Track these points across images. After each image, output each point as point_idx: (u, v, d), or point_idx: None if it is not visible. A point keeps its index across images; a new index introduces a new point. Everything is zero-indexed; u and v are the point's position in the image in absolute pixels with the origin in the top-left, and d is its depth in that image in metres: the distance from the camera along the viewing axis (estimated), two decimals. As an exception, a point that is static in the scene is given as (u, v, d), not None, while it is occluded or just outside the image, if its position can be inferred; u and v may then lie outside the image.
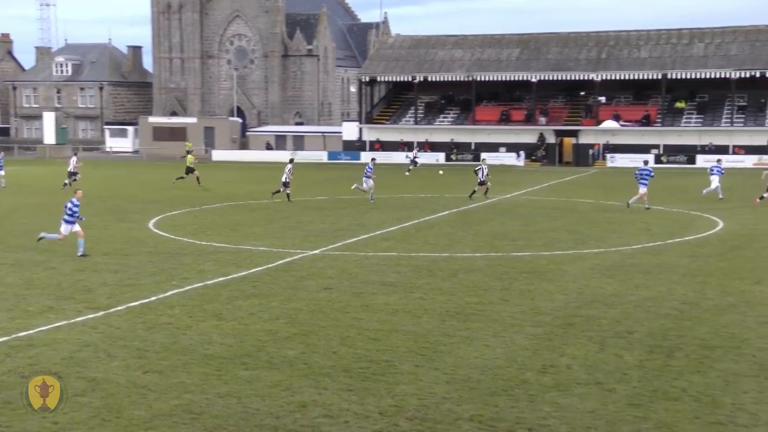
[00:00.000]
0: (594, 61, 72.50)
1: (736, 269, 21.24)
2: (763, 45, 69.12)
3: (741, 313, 16.55)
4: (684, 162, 64.88)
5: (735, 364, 13.23)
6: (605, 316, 16.35)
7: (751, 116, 68.91)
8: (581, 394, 11.78)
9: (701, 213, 33.00)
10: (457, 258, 23.18)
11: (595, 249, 24.64)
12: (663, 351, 13.94)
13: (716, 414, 11.06)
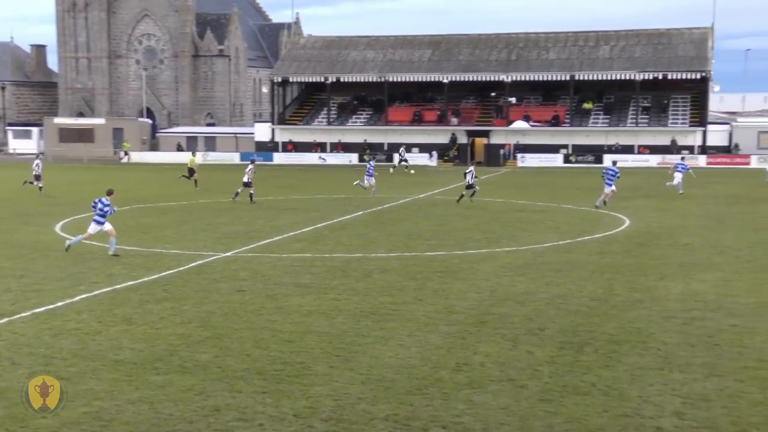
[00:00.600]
0: (504, 63, 73.58)
1: (641, 266, 21.80)
2: (664, 48, 71.16)
3: (647, 309, 17.00)
4: (592, 161, 66.30)
5: (641, 357, 13.58)
6: (517, 313, 16.59)
7: (655, 117, 70.89)
8: (494, 391, 11.93)
9: (608, 211, 33.77)
10: (371, 258, 23.23)
11: (506, 248, 24.99)
12: (573, 347, 14.21)
13: (623, 407, 11.33)
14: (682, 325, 15.70)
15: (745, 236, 26.79)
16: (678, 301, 17.63)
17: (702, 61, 68.75)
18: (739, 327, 15.48)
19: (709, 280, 19.80)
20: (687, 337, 14.84)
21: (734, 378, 12.51)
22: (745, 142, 66.74)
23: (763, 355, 13.71)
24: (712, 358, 13.54)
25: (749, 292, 18.43)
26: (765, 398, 11.64)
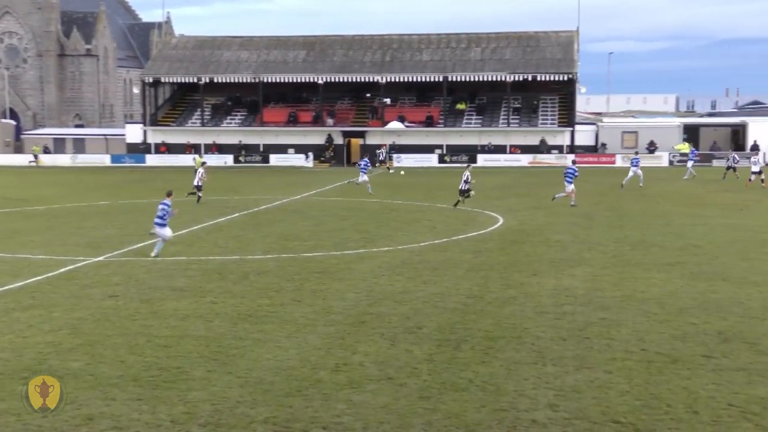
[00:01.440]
0: (378, 64, 74.07)
1: (515, 263, 22.32)
2: (533, 50, 73.08)
3: (521, 305, 17.41)
4: (466, 161, 67.43)
5: (516, 352, 13.90)
6: (395, 312, 16.72)
7: (525, 117, 72.73)
8: (374, 390, 11.99)
9: (482, 210, 34.43)
10: (248, 260, 23.00)
11: (383, 247, 25.16)
12: (450, 344, 14.41)
13: (500, 401, 11.56)
14: (555, 319, 16.14)
15: (612, 233, 27.78)
16: (550, 297, 18.13)
17: (569, 64, 70.91)
18: (608, 320, 16.03)
19: (579, 276, 20.43)
20: (559, 331, 15.27)
21: (603, 369, 12.95)
22: (610, 142, 69.17)
23: (629, 346, 14.23)
24: (582, 351, 13.97)
25: (616, 286, 19.11)
26: (631, 388, 12.09)
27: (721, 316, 16.22)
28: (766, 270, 20.91)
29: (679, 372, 12.82)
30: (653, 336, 14.88)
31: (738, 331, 15.17)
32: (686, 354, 13.76)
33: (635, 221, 30.48)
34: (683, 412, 11.18)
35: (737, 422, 10.82)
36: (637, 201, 37.55)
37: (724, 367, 13.06)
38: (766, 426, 10.67)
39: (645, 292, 18.45)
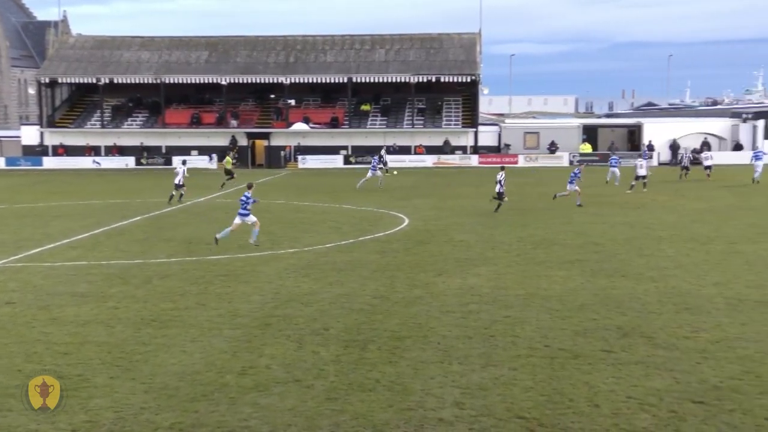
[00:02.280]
0: (282, 65, 73.65)
1: (421, 263, 22.49)
2: (436, 52, 73.75)
3: (426, 304, 17.55)
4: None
5: (422, 352, 14.00)
6: (302, 314, 16.66)
7: (430, 118, 73.34)
8: (281, 393, 11.92)
9: (388, 211, 34.60)
10: (150, 264, 22.58)
11: (289, 249, 25.04)
12: (357, 345, 14.44)
13: (407, 401, 11.63)
14: (460, 318, 16.33)
15: (515, 232, 28.25)
16: (456, 296, 18.32)
17: (471, 65, 71.80)
18: (512, 318, 16.30)
19: (483, 274, 20.71)
20: (465, 329, 15.45)
21: (508, 367, 13.16)
22: (512, 142, 70.34)
23: (533, 343, 14.50)
24: (487, 349, 14.17)
25: (519, 284, 19.45)
26: (535, 384, 12.31)
27: (620, 312, 16.67)
28: (663, 266, 21.58)
29: (580, 367, 13.12)
30: (556, 332, 15.19)
31: (636, 325, 15.61)
32: (587, 349, 14.09)
33: (538, 220, 31.08)
34: (585, 405, 11.44)
35: (635, 414, 11.13)
36: (539, 200, 38.28)
37: (623, 360, 13.42)
38: (662, 416, 11.01)
39: (547, 290, 18.82)
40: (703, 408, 11.30)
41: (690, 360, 13.44)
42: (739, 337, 14.76)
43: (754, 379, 12.47)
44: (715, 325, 15.56)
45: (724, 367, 13.05)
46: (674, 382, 12.37)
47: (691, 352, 13.89)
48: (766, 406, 11.34)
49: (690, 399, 11.63)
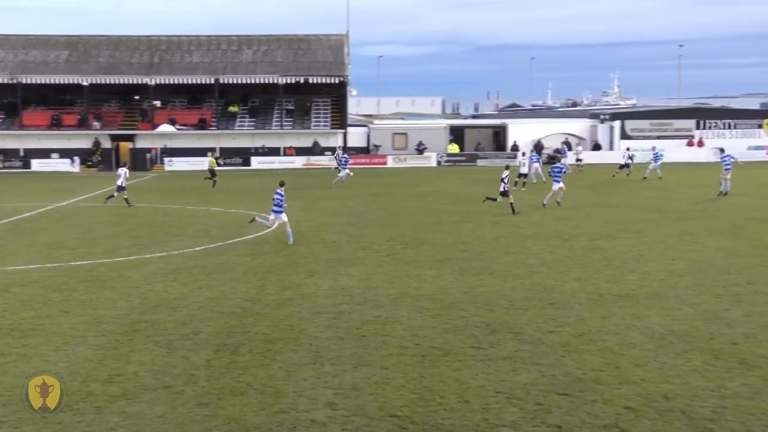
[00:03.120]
0: (147, 65, 72.03)
1: (292, 264, 22.41)
2: (304, 53, 73.65)
3: (298, 306, 17.51)
4: (240, 164, 66.99)
5: (294, 354, 13.96)
6: (171, 319, 16.35)
7: (299, 120, 73.18)
8: (150, 400, 11.65)
9: (258, 213, 34.31)
10: (9, 271, 21.70)
11: (157, 253, 24.52)
12: (228, 348, 14.27)
13: (279, 403, 11.57)
14: (332, 319, 16.35)
15: (385, 232, 28.50)
16: (327, 297, 18.34)
17: (339, 67, 72.03)
18: (383, 317, 16.44)
19: (355, 275, 20.81)
20: (337, 330, 15.48)
21: (380, 366, 13.26)
22: (381, 143, 70.93)
23: (404, 342, 14.66)
24: (359, 349, 14.24)
25: (390, 284, 19.63)
26: (407, 382, 12.45)
27: (488, 309, 17.04)
28: (528, 263, 22.18)
29: (450, 364, 13.34)
30: (426, 331, 15.40)
31: (504, 321, 16.00)
32: (457, 346, 14.34)
33: (407, 220, 31.44)
34: (455, 402, 11.64)
35: (504, 408, 11.40)
36: (408, 200, 38.74)
37: (492, 356, 13.73)
38: (529, 409, 11.31)
39: (418, 289, 19.06)
40: (568, 399, 11.68)
41: (555, 354, 13.87)
42: (600, 330, 15.32)
43: (614, 370, 12.97)
44: (577, 320, 16.11)
45: (587, 359, 13.52)
46: (540, 375, 12.74)
47: (556, 346, 14.34)
48: (625, 395, 11.81)
49: (555, 391, 12.00)
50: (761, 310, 16.74)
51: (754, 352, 13.84)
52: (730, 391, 11.99)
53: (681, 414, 11.14)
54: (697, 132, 68.06)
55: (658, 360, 13.49)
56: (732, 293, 18.25)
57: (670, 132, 68.23)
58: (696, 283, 19.31)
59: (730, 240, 25.48)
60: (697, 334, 14.96)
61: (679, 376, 12.68)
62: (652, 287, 18.96)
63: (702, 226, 28.50)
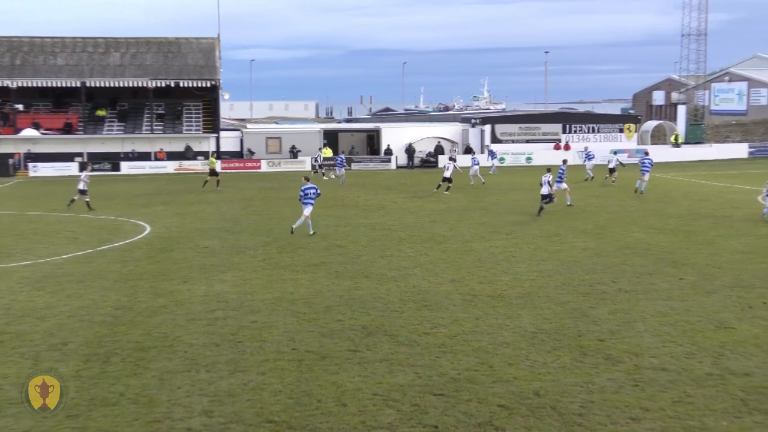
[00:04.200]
0: (8, 68, 69.21)
1: (165, 271, 21.98)
2: (174, 56, 72.31)
3: (172, 313, 17.19)
4: (109, 169, 65.19)
5: (168, 362, 13.70)
6: (37, 329, 15.79)
7: (170, 124, 71.76)
8: (15, 414, 11.22)
9: (128, 219, 33.51)
10: None
11: (22, 261, 23.64)
12: (99, 358, 13.89)
13: (153, 412, 11.33)
14: (207, 325, 16.13)
15: (260, 236, 28.28)
16: (201, 303, 18.08)
17: (211, 70, 71.02)
18: (259, 323, 16.32)
19: (229, 280, 20.59)
20: (212, 337, 15.29)
21: (257, 371, 13.16)
22: (255, 148, 70.34)
23: (281, 347, 14.60)
24: (235, 355, 14.10)
25: (266, 289, 19.51)
26: (284, 387, 12.40)
27: (364, 312, 17.14)
28: (403, 266, 22.42)
29: (327, 368, 13.36)
30: (303, 335, 15.38)
31: (380, 324, 16.13)
32: (334, 350, 14.38)
33: (282, 225, 31.26)
34: (333, 405, 11.67)
35: (381, 410, 11.49)
36: (283, 205, 38.54)
37: (369, 359, 13.82)
38: (406, 411, 11.44)
39: (294, 293, 19.02)
40: (443, 400, 11.86)
41: (430, 355, 14.07)
42: (474, 331, 15.63)
43: (487, 369, 13.26)
44: (452, 321, 16.38)
45: (461, 359, 13.77)
46: (416, 376, 12.90)
47: (431, 347, 14.54)
48: (498, 394, 12.09)
49: (431, 392, 12.18)
50: (625, 307, 17.42)
51: (618, 348, 14.40)
52: (597, 386, 12.44)
53: (551, 410, 11.48)
54: (564, 136, 70.22)
55: (529, 358, 13.86)
56: (598, 291, 18.93)
57: (538, 136, 70.15)
58: (564, 283, 19.94)
59: (595, 240, 26.41)
60: (566, 332, 15.45)
61: (549, 373, 13.07)
62: (523, 287, 19.48)
63: (569, 227, 29.44)
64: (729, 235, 27.20)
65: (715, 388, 12.37)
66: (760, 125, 78.91)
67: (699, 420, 11.12)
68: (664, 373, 13.06)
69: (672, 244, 25.54)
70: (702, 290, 19.04)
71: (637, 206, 35.78)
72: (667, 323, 16.10)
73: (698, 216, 32.20)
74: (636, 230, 28.42)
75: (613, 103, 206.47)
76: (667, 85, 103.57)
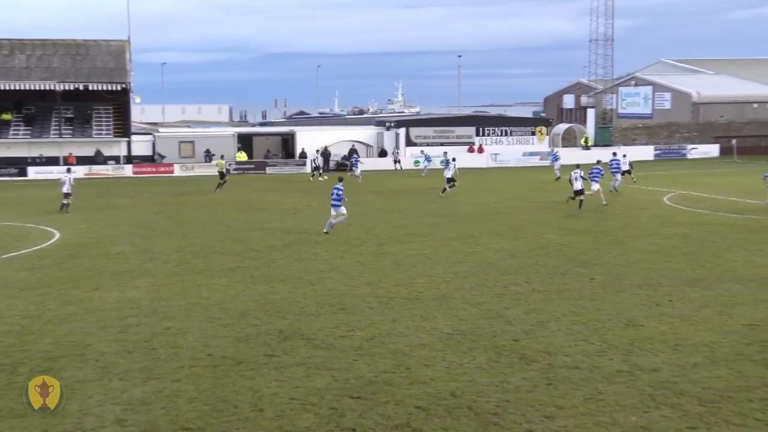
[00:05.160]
0: None
1: (74, 278, 21.48)
2: (83, 59, 70.74)
3: (82, 321, 16.81)
4: (15, 174, 63.43)
5: (79, 371, 13.39)
6: (-60, 341, 15.25)
7: (79, 128, 70.17)
8: None
9: (36, 225, 32.65)
10: None
11: (-77, 271, 22.81)
12: (6, 369, 13.50)
13: (64, 423, 11.06)
14: (119, 333, 15.83)
15: (173, 241, 27.87)
16: (113, 310, 17.73)
17: (121, 73, 69.69)
18: (173, 329, 16.08)
19: (142, 287, 20.23)
20: (125, 344, 15.00)
21: (171, 378, 12.96)
22: (167, 152, 69.27)
23: (196, 353, 14.41)
24: (149, 362, 13.86)
25: (180, 294, 19.23)
26: (200, 393, 12.25)
27: (280, 316, 17.05)
28: (320, 269, 22.38)
29: (244, 373, 13.24)
30: (218, 341, 15.22)
31: (296, 328, 16.06)
32: (250, 355, 14.26)
33: (196, 229, 30.88)
34: (249, 411, 11.57)
35: (299, 414, 11.44)
36: (197, 209, 38.07)
37: (285, 363, 13.75)
38: (323, 414, 11.41)
39: (209, 299, 18.80)
40: (361, 402, 11.87)
41: (347, 358, 14.07)
42: (391, 333, 15.69)
43: (404, 371, 13.33)
44: (369, 323, 16.42)
45: (378, 362, 13.81)
46: (333, 380, 12.88)
47: (348, 350, 14.55)
48: (415, 395, 12.16)
49: (348, 395, 12.17)
50: (538, 307, 17.72)
51: (532, 347, 14.63)
52: (512, 385, 12.62)
53: (468, 410, 11.60)
54: (477, 139, 71.04)
55: (446, 359, 13.98)
56: (512, 292, 19.20)
57: (452, 139, 70.78)
58: (479, 284, 20.17)
59: (509, 241, 26.78)
60: (481, 333, 15.63)
61: (465, 373, 13.20)
62: (439, 289, 19.63)
63: (484, 228, 29.79)
64: (637, 235, 27.91)
65: (624, 384, 12.67)
66: (664, 128, 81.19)
67: (610, 416, 11.38)
68: (577, 371, 13.32)
69: (583, 244, 26.09)
70: (612, 289, 19.49)
71: (550, 208, 36.43)
72: (579, 322, 16.43)
73: (607, 217, 32.97)
74: (549, 231, 28.94)
75: (525, 106, 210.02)
76: (576, 89, 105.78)
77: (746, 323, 16.31)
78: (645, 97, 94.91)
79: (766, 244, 25.73)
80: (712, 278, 20.66)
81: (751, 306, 17.73)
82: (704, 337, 15.34)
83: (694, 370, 13.38)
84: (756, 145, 72.69)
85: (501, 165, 64.35)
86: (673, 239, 26.91)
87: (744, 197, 38.55)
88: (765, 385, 12.64)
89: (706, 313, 17.14)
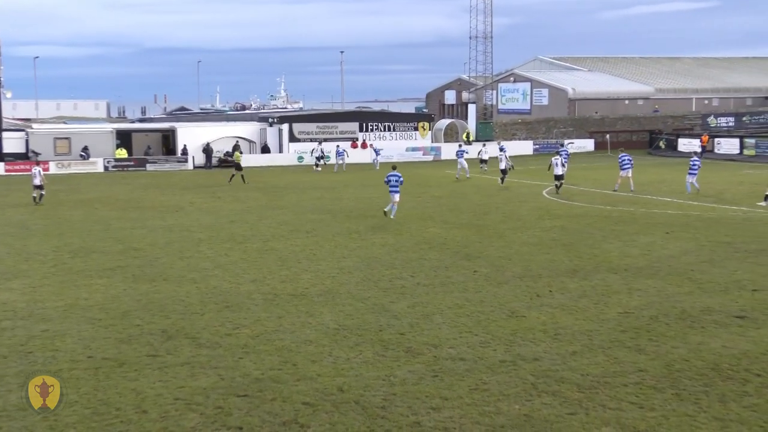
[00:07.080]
0: None
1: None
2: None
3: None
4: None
5: (-49, 377, 12.84)
6: None
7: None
8: None
9: None
10: None
11: None
12: None
13: (-64, 433, 10.59)
14: (-7, 337, 15.24)
15: (50, 241, 26.99)
16: (-14, 314, 17.06)
17: (-10, 67, 67.12)
18: (51, 331, 15.60)
19: (17, 288, 19.55)
20: (-1, 348, 14.46)
21: (50, 382, 12.55)
22: (42, 149, 67.00)
23: (75, 355, 14.01)
24: (25, 366, 13.41)
25: (57, 296, 18.66)
26: (80, 397, 11.91)
27: (164, 315, 16.75)
28: (203, 267, 22.07)
29: (126, 374, 12.96)
30: (99, 342, 14.84)
31: (180, 327, 15.81)
32: (132, 356, 13.96)
33: (74, 229, 29.99)
34: (132, 413, 11.33)
35: (184, 414, 11.27)
36: (75, 208, 36.98)
37: (170, 363, 13.52)
38: (209, 414, 11.28)
39: (88, 299, 18.31)
40: (247, 401, 11.78)
41: (233, 356, 13.93)
42: (277, 330, 15.62)
43: (291, 368, 13.29)
44: (254, 321, 16.29)
45: (264, 359, 13.72)
46: (219, 378, 12.74)
47: (234, 348, 14.41)
48: (303, 391, 12.14)
49: (235, 393, 12.06)
50: (423, 300, 17.94)
51: (418, 340, 14.81)
52: (399, 378, 12.74)
53: (355, 404, 11.65)
54: (361, 134, 71.30)
55: (332, 355, 14.00)
56: (397, 286, 19.38)
57: (335, 134, 70.84)
58: (365, 279, 20.28)
59: (393, 236, 27.00)
60: (367, 327, 15.72)
61: (352, 368, 13.25)
62: (325, 285, 19.65)
63: (368, 224, 29.94)
64: (517, 228, 28.57)
65: (508, 374, 12.96)
66: (542, 123, 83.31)
67: (494, 405, 11.62)
68: (462, 362, 13.55)
69: (465, 237, 26.54)
70: (494, 281, 19.90)
71: (432, 202, 36.89)
72: (463, 314, 16.71)
73: (489, 210, 33.64)
74: (432, 225, 29.31)
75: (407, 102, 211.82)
76: (457, 85, 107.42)
77: (621, 311, 16.91)
78: (523, 93, 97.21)
79: (638, 234, 26.74)
80: (589, 269, 21.34)
81: (626, 294, 18.40)
82: (582, 325, 15.83)
83: (573, 357, 13.80)
84: (628, 140, 75.36)
85: (384, 161, 64.78)
86: (552, 231, 27.66)
87: (617, 190, 39.94)
88: (638, 370, 13.14)
89: (584, 302, 17.69)
